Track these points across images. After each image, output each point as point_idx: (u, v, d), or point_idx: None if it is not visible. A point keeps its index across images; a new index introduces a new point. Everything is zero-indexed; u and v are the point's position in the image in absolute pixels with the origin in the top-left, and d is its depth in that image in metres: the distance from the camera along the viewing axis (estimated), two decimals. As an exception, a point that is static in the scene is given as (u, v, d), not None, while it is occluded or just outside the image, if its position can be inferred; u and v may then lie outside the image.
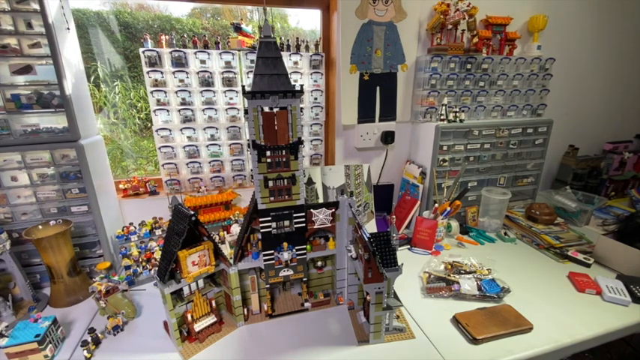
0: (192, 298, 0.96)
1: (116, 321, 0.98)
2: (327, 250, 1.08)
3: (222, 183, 1.54)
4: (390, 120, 1.65)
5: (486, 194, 1.57)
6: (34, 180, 1.16)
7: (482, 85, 1.62)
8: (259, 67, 0.86)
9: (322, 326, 1.02)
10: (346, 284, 1.12)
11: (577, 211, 1.63)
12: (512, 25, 1.64)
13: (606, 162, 1.98)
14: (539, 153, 1.73)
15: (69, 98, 1.10)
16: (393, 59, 1.56)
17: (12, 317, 1.03)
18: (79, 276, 1.16)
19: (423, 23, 1.55)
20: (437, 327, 1.00)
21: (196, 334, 0.95)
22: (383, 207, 1.74)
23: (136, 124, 1.79)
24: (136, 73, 1.66)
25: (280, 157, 0.92)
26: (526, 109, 1.72)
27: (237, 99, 1.44)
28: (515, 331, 0.96)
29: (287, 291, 1.17)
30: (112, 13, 1.52)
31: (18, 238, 1.15)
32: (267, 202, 0.94)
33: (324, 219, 1.04)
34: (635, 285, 1.14)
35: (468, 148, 1.58)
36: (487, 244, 1.50)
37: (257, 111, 0.86)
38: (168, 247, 0.90)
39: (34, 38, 1.06)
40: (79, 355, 0.90)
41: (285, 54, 1.44)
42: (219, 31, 1.69)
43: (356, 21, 1.45)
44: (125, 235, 1.28)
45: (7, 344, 0.83)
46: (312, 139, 1.63)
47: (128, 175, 1.76)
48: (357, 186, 1.40)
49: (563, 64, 1.77)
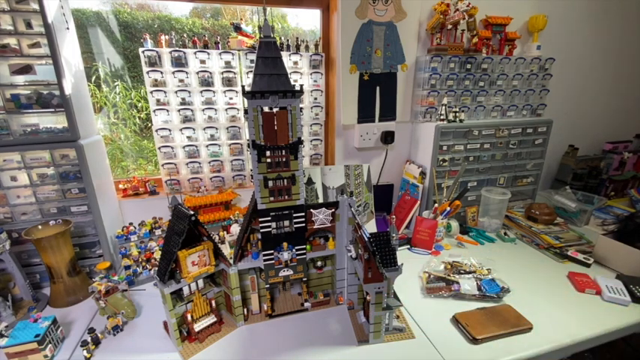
0: (192, 298, 0.96)
1: (116, 321, 0.98)
2: (326, 250, 1.08)
3: (222, 183, 1.54)
4: (390, 120, 1.65)
5: (486, 194, 1.57)
6: (34, 180, 1.16)
7: (482, 85, 1.62)
8: (259, 67, 0.86)
9: (322, 326, 1.02)
10: (346, 284, 1.12)
11: (577, 211, 1.63)
12: (512, 25, 1.64)
13: (606, 162, 1.98)
14: (538, 153, 1.73)
15: (69, 98, 1.10)
16: (393, 59, 1.56)
17: (12, 317, 1.03)
18: (79, 276, 1.16)
19: (422, 23, 1.55)
20: (437, 327, 1.00)
21: (196, 334, 0.95)
22: (383, 207, 1.74)
23: (136, 124, 1.79)
24: (135, 73, 1.66)
25: (280, 157, 0.92)
26: (526, 109, 1.72)
27: (237, 99, 1.44)
28: (515, 331, 0.96)
29: (287, 291, 1.17)
30: (111, 12, 1.52)
31: (18, 238, 1.15)
32: (266, 202, 0.94)
33: (324, 219, 1.04)
34: (634, 285, 1.14)
35: (468, 148, 1.58)
36: (487, 244, 1.50)
37: (257, 111, 0.86)
38: (168, 247, 0.90)
39: (34, 38, 1.06)
40: (79, 355, 0.90)
41: (285, 54, 1.44)
42: (219, 31, 1.69)
43: (356, 21, 1.45)
44: (125, 235, 1.28)
45: (7, 344, 0.83)
46: (312, 139, 1.63)
47: (128, 175, 1.76)
48: (356, 186, 1.40)
49: (563, 64, 1.77)
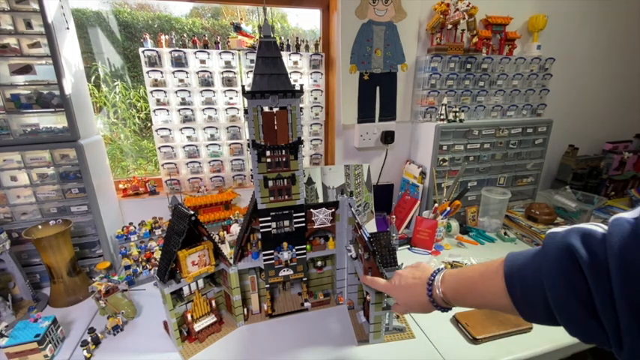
0: (192, 298, 0.96)
1: (116, 321, 0.98)
2: (326, 250, 1.08)
3: (222, 183, 1.54)
4: (390, 120, 1.65)
5: (486, 194, 1.57)
6: (34, 180, 1.16)
7: (482, 84, 1.62)
8: (259, 67, 0.86)
9: (322, 326, 1.02)
10: (346, 284, 1.12)
11: (577, 210, 1.63)
12: (512, 25, 1.64)
13: (606, 162, 1.98)
14: (539, 153, 1.73)
15: (68, 98, 1.10)
16: (393, 59, 1.56)
17: (12, 317, 1.03)
18: (79, 276, 1.16)
19: (422, 23, 1.55)
20: (437, 327, 1.00)
21: (196, 334, 0.95)
22: (383, 207, 1.74)
23: (135, 124, 1.79)
24: (135, 72, 1.66)
25: (280, 156, 0.92)
26: (526, 109, 1.72)
27: (237, 99, 1.44)
28: (515, 331, 0.96)
29: (287, 291, 1.17)
30: (111, 12, 1.52)
31: (18, 238, 1.15)
32: (266, 201, 0.94)
33: (324, 219, 1.04)
34: (634, 285, 1.13)
35: (468, 148, 1.58)
36: (487, 243, 1.50)
37: (257, 111, 0.86)
38: (168, 247, 0.90)
39: (34, 38, 1.06)
40: (79, 355, 0.90)
41: (285, 54, 1.44)
42: (219, 30, 1.69)
43: (356, 21, 1.45)
44: (125, 234, 1.28)
45: (7, 344, 0.83)
46: (312, 138, 1.63)
47: (128, 174, 1.76)
48: (356, 186, 1.40)
49: (563, 63, 1.77)
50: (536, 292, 0.43)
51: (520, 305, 0.46)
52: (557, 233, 0.42)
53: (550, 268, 0.41)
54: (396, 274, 0.73)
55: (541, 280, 0.42)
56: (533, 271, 0.44)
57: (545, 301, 0.42)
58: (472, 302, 0.56)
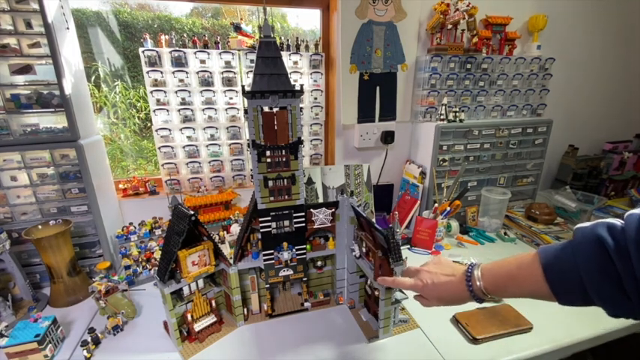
0: (192, 298, 0.96)
1: (116, 321, 0.98)
2: (326, 250, 1.08)
3: (222, 183, 1.54)
4: (390, 120, 1.65)
5: (486, 194, 1.57)
6: (34, 180, 1.16)
7: (482, 84, 1.62)
8: (259, 67, 0.86)
9: (322, 326, 1.02)
10: (346, 284, 1.12)
11: (577, 210, 1.63)
12: (512, 25, 1.64)
13: (606, 162, 1.98)
14: (539, 153, 1.73)
15: (68, 98, 1.10)
16: (393, 59, 1.56)
17: (12, 317, 1.03)
18: (79, 276, 1.16)
19: (422, 23, 1.55)
20: (437, 327, 1.00)
21: (196, 334, 0.95)
22: (383, 207, 1.74)
23: (135, 124, 1.79)
24: (135, 72, 1.66)
25: (280, 156, 0.92)
26: (526, 109, 1.72)
27: (237, 99, 1.44)
28: (515, 330, 0.96)
29: (287, 291, 1.16)
30: (111, 12, 1.52)
31: (18, 238, 1.15)
32: (266, 201, 0.94)
33: (324, 219, 1.04)
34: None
35: (468, 148, 1.58)
36: (487, 243, 1.50)
37: (257, 111, 0.86)
38: (168, 247, 0.90)
39: (34, 38, 1.05)
40: (79, 355, 0.90)
41: (285, 54, 1.44)
42: (219, 31, 1.69)
43: (356, 21, 1.45)
44: (125, 234, 1.28)
45: (7, 344, 0.83)
46: (312, 138, 1.63)
47: (128, 174, 1.76)
48: (356, 186, 1.39)
49: (563, 63, 1.77)
50: (572, 276, 0.50)
51: (557, 289, 0.53)
52: (585, 227, 0.50)
53: (585, 256, 0.48)
54: (422, 272, 0.75)
55: (576, 266, 0.49)
56: (567, 259, 0.51)
57: (580, 284, 0.49)
58: (512, 292, 0.62)
